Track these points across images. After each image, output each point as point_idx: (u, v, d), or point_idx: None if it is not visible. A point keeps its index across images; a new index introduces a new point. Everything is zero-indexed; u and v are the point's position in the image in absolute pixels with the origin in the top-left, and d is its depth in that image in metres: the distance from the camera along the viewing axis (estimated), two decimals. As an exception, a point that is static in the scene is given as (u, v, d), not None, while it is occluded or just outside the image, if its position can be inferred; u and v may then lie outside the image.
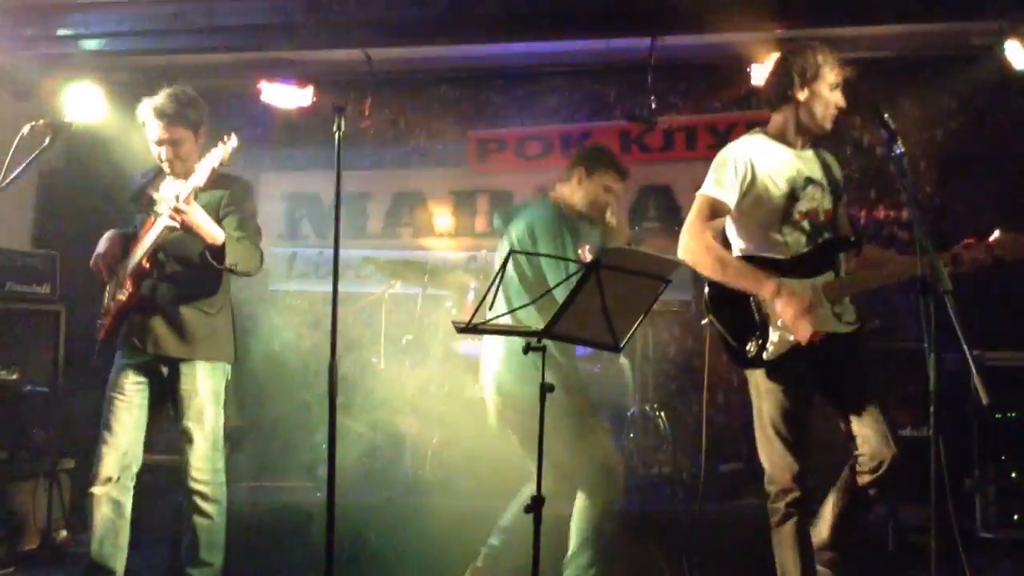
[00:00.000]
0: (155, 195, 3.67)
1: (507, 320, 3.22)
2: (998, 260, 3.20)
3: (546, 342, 2.65)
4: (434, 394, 5.18)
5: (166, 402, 3.67)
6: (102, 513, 3.58)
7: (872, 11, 5.28)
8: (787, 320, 3.07)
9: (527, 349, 2.64)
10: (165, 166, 3.66)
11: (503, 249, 3.70)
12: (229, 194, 3.66)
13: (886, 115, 3.04)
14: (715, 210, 3.22)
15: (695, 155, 6.54)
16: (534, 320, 3.14)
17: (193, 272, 3.61)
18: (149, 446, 3.74)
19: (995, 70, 5.65)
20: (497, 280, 2.55)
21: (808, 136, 3.33)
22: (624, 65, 6.43)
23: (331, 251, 3.11)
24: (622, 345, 2.71)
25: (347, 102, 6.73)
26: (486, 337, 3.64)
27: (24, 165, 3.34)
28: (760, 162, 3.23)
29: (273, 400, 5.82)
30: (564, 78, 6.76)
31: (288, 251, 6.87)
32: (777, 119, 3.35)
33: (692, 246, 3.19)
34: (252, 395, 5.94)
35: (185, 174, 3.57)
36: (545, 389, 2.66)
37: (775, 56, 4.59)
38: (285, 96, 6.14)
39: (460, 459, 4.90)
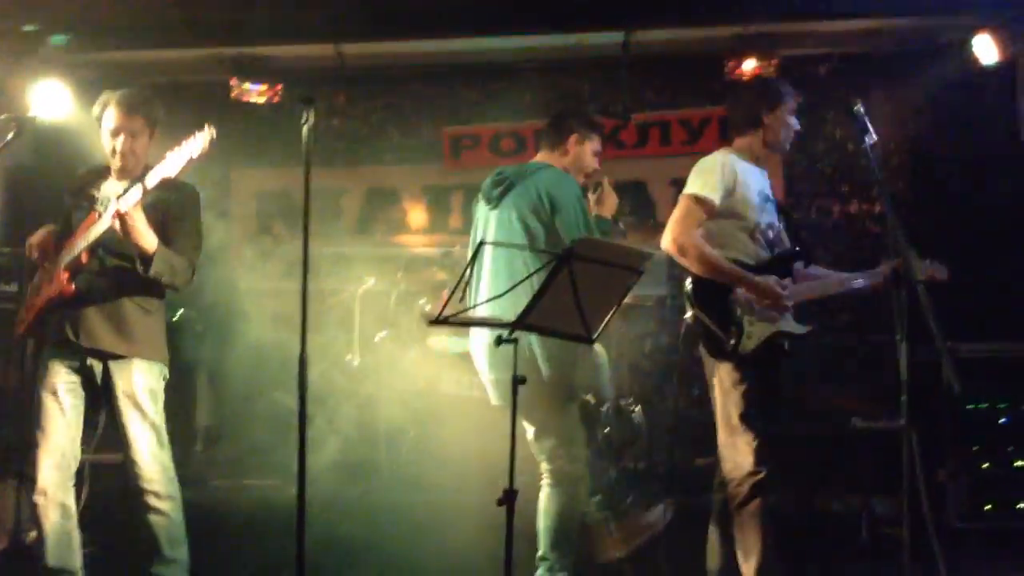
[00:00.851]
0: (98, 193, 3.58)
1: (483, 311, 3.18)
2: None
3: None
4: (409, 389, 5.16)
5: (100, 400, 3.57)
6: (51, 520, 3.51)
7: (842, 6, 5.31)
8: (767, 303, 3.30)
9: (499, 341, 2.63)
10: (117, 159, 3.55)
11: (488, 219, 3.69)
12: (176, 200, 3.57)
13: (857, 106, 3.13)
14: (700, 205, 3.39)
15: (669, 150, 6.58)
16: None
17: (134, 269, 3.48)
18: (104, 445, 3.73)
19: (965, 64, 5.70)
20: (469, 270, 2.54)
21: (766, 156, 3.60)
22: (598, 61, 6.45)
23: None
24: (594, 337, 2.71)
25: (317, 97, 6.67)
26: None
27: (-10, 156, 3.28)
28: (741, 171, 3.45)
29: (248, 398, 5.77)
30: (538, 74, 6.75)
31: (261, 249, 6.81)
32: (742, 142, 3.59)
33: (679, 237, 3.36)
34: (227, 393, 5.90)
35: (132, 174, 3.51)
36: (517, 381, 2.65)
37: (747, 66, 4.80)
38: (255, 93, 6.08)
39: (436, 454, 4.88)
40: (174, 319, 5.68)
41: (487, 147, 6.79)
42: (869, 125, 3.16)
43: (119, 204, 3.29)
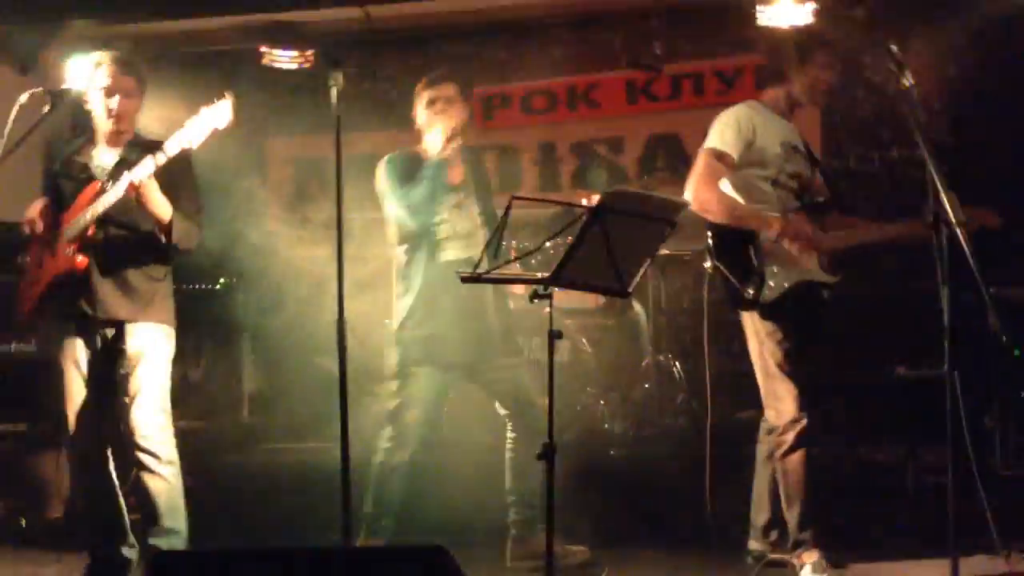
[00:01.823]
0: (90, 162, 3.59)
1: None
2: None
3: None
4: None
5: (113, 367, 3.57)
6: (87, 480, 3.66)
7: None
8: (795, 245, 3.34)
9: (534, 296, 2.64)
10: (112, 122, 3.53)
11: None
12: (169, 165, 3.47)
13: (893, 48, 3.08)
14: (720, 162, 3.42)
15: (703, 102, 6.48)
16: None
17: (139, 237, 3.54)
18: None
19: (1005, 4, 5.54)
20: (501, 228, 2.54)
21: (796, 109, 3.60)
22: (628, 12, 6.36)
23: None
24: (630, 289, 2.70)
25: (346, 62, 6.67)
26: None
27: (25, 134, 3.32)
28: (760, 124, 3.47)
29: (292, 363, 5.85)
30: (568, 29, 6.67)
31: (297, 215, 6.85)
32: (769, 93, 3.61)
33: (700, 192, 3.40)
34: (272, 359, 5.99)
35: (124, 138, 3.56)
36: (553, 336, 2.67)
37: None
38: (285, 59, 6.08)
39: (475, 415, 4.91)
40: (216, 287, 5.77)
41: (519, 106, 6.75)
42: (906, 67, 3.10)
43: (134, 175, 3.30)
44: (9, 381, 4.79)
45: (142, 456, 3.51)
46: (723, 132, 3.45)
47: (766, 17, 5.76)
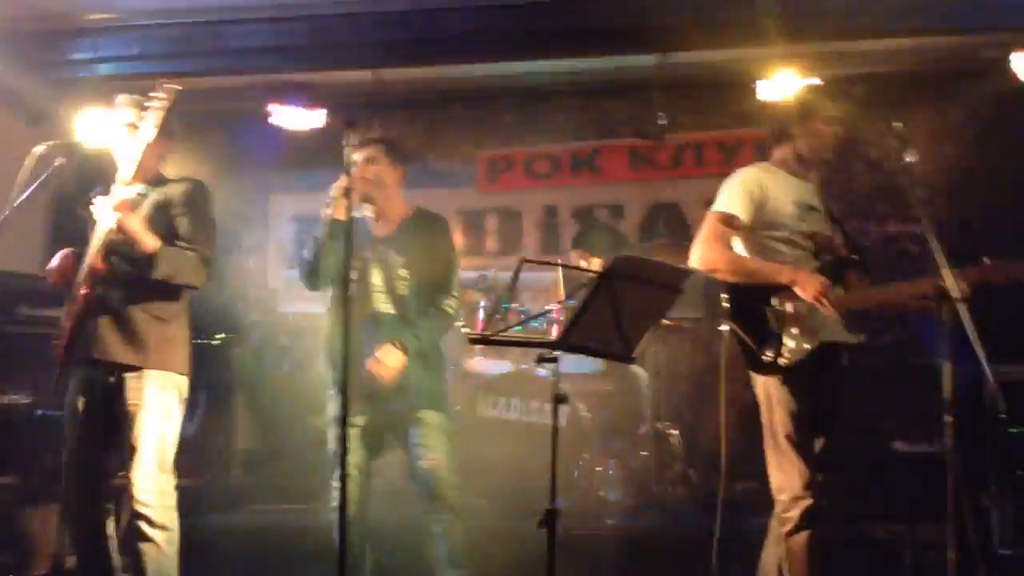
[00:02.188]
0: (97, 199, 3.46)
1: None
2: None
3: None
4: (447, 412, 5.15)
5: (111, 417, 3.40)
6: (81, 539, 3.52)
7: (880, 26, 5.27)
8: (811, 297, 3.17)
9: (541, 360, 2.63)
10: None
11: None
12: (183, 194, 3.47)
13: (897, 124, 3.11)
14: (728, 224, 3.37)
15: (704, 172, 6.57)
16: None
17: (143, 276, 3.36)
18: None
19: (1005, 82, 5.64)
20: (511, 290, 2.54)
21: (807, 167, 3.52)
22: (632, 83, 6.48)
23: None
24: (634, 355, 2.70)
25: (356, 122, 6.74)
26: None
27: (34, 186, 3.34)
28: (770, 184, 3.41)
29: (285, 423, 5.80)
30: (573, 97, 6.79)
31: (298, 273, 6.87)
32: (777, 153, 3.57)
33: (707, 253, 3.35)
34: (264, 419, 5.93)
35: (145, 176, 3.48)
36: (557, 400, 2.66)
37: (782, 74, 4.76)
38: (295, 118, 6.15)
39: (473, 477, 4.86)
40: (214, 343, 5.76)
41: (522, 170, 6.83)
42: (907, 142, 3.13)
43: (108, 202, 3.25)
44: (2, 433, 4.75)
45: (137, 520, 3.33)
46: (731, 195, 3.40)
47: (765, 91, 5.86)
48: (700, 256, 3.36)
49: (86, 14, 5.25)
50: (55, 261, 3.51)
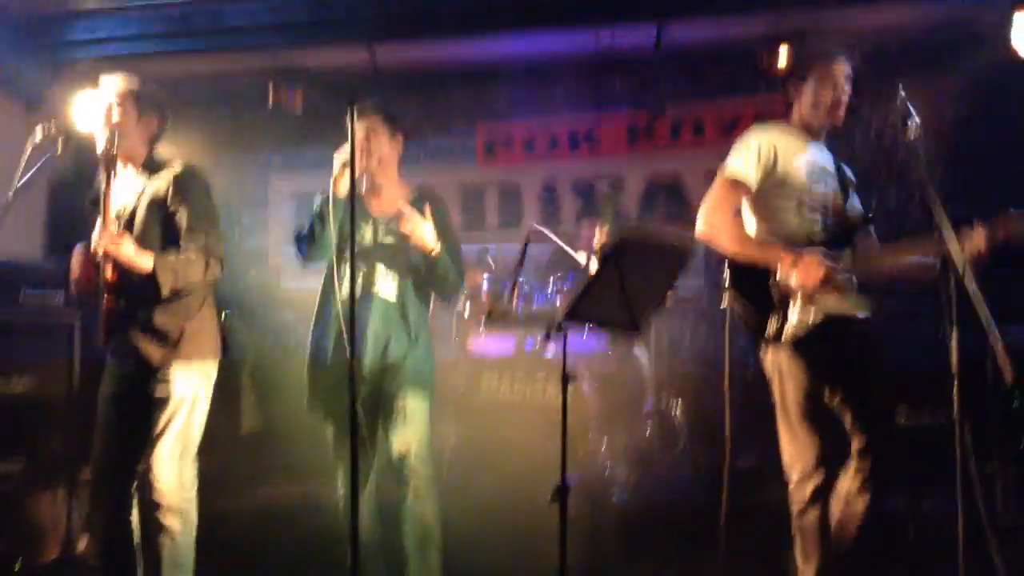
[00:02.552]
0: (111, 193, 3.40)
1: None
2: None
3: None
4: (449, 394, 5.16)
5: (149, 407, 3.39)
6: (104, 529, 3.50)
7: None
8: (808, 287, 3.08)
9: (548, 336, 2.62)
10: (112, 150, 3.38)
11: None
12: (175, 184, 3.39)
13: (901, 92, 3.09)
14: (735, 188, 3.27)
15: (703, 145, 6.55)
16: None
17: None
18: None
19: (1003, 50, 5.61)
20: (520, 264, 2.53)
21: (817, 128, 3.39)
22: (630, 56, 6.42)
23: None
24: (642, 327, 2.69)
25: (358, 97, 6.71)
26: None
27: (35, 168, 3.30)
28: (782, 146, 3.29)
29: (289, 400, 5.81)
30: (570, 71, 6.76)
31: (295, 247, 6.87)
32: (793, 112, 3.44)
33: (711, 221, 3.24)
34: (268, 397, 5.94)
35: (129, 160, 3.45)
36: (566, 378, 2.66)
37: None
38: (292, 97, 6.11)
39: (477, 458, 4.89)
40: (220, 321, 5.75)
41: (521, 145, 6.80)
42: (912, 110, 3.09)
43: (98, 246, 3.21)
44: (7, 418, 4.75)
45: (153, 508, 3.34)
46: (741, 156, 3.28)
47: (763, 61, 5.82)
48: (704, 221, 3.25)
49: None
50: (76, 270, 3.44)
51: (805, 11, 5.77)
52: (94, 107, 3.48)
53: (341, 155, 3.31)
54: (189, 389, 3.41)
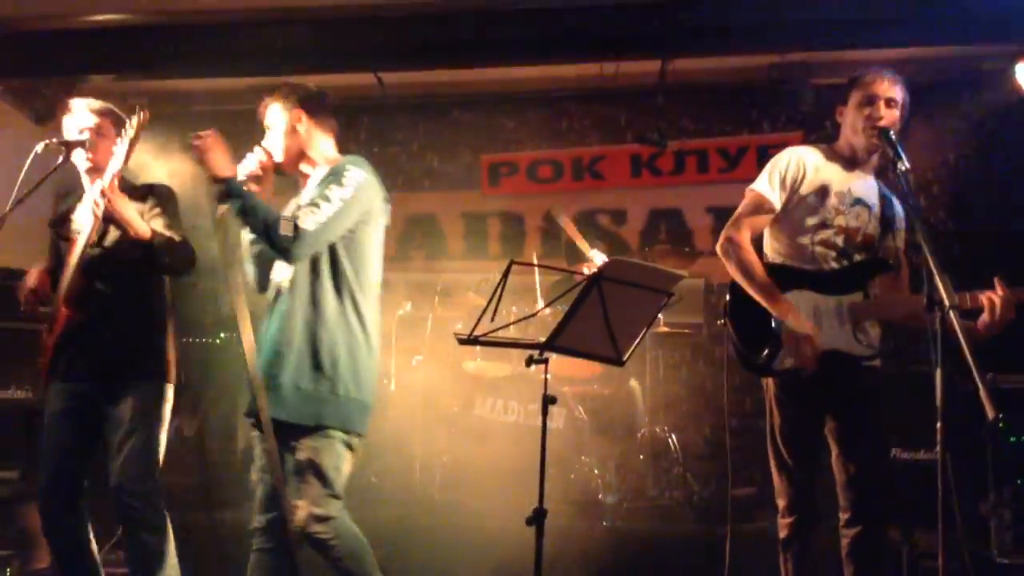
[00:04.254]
0: (73, 216, 3.57)
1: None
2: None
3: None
4: (444, 414, 5.19)
5: (101, 424, 3.45)
6: (58, 545, 3.52)
7: (881, 35, 5.28)
8: (790, 342, 3.08)
9: (530, 362, 2.64)
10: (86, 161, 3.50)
11: None
12: (152, 200, 3.51)
13: (891, 133, 3.10)
14: (760, 207, 3.25)
15: (706, 178, 6.59)
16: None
17: (125, 290, 3.46)
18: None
19: (1006, 93, 5.66)
20: (499, 290, 2.55)
21: (862, 155, 3.30)
22: (635, 89, 6.50)
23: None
24: (625, 359, 2.71)
25: (359, 125, 6.80)
26: None
27: (38, 183, 3.36)
28: (815, 167, 3.26)
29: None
30: (575, 102, 6.84)
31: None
32: (840, 137, 3.38)
33: (727, 245, 3.22)
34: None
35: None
36: (547, 401, 2.67)
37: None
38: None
39: (470, 479, 4.89)
40: (216, 341, 5.78)
41: (525, 173, 6.86)
42: (902, 152, 3.10)
43: (95, 190, 3.27)
44: (4, 427, 4.79)
45: (128, 523, 3.39)
46: (771, 173, 3.26)
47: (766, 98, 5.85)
48: (723, 248, 3.23)
49: (92, 15, 5.28)
50: (31, 280, 3.55)
51: (810, 49, 5.83)
52: (79, 124, 3.55)
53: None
54: (146, 406, 3.43)
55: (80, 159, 3.51)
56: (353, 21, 5.30)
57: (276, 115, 3.21)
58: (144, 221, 3.36)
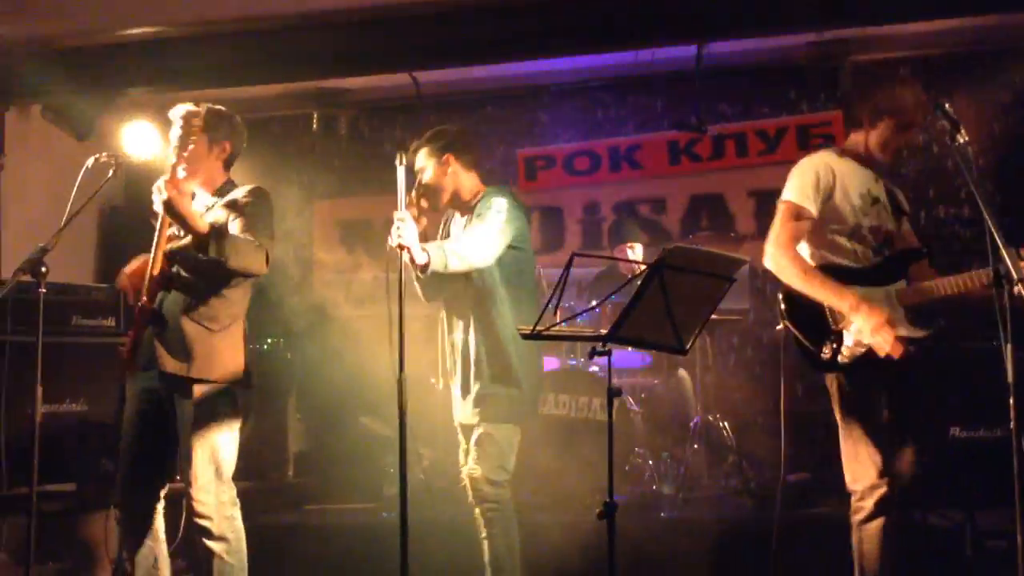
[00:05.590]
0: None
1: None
2: None
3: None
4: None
5: (162, 426, 3.44)
6: (133, 544, 3.51)
7: (923, 7, 5.18)
8: (868, 334, 3.12)
9: (593, 354, 2.62)
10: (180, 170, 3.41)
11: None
12: (237, 199, 3.48)
13: (947, 105, 3.05)
14: (799, 216, 3.32)
15: (746, 161, 6.52)
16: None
17: (199, 284, 3.39)
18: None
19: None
20: (562, 284, 2.53)
21: (880, 163, 3.42)
22: (670, 75, 6.45)
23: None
24: (687, 347, 2.67)
25: (396, 126, 6.81)
26: None
27: (90, 197, 3.38)
28: (840, 173, 3.36)
29: (337, 424, 5.86)
30: (610, 91, 6.79)
31: (344, 276, 6.92)
32: (853, 138, 3.47)
33: (777, 257, 3.29)
34: (316, 420, 5.99)
35: (203, 185, 3.52)
36: (611, 393, 2.65)
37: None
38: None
39: (523, 474, 4.86)
40: (264, 347, 5.82)
41: (561, 167, 6.82)
42: (959, 124, 3.06)
43: (159, 185, 3.24)
44: (60, 441, 4.83)
45: (199, 532, 3.38)
46: (802, 183, 3.33)
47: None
48: (771, 256, 3.31)
49: (130, 28, 5.32)
50: (131, 265, 3.50)
51: (848, 26, 5.74)
52: (150, 136, 3.55)
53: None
54: (211, 407, 3.40)
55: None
56: (385, 22, 5.28)
57: (423, 160, 3.62)
58: (202, 217, 3.32)
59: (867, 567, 3.25)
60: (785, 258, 3.26)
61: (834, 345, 3.20)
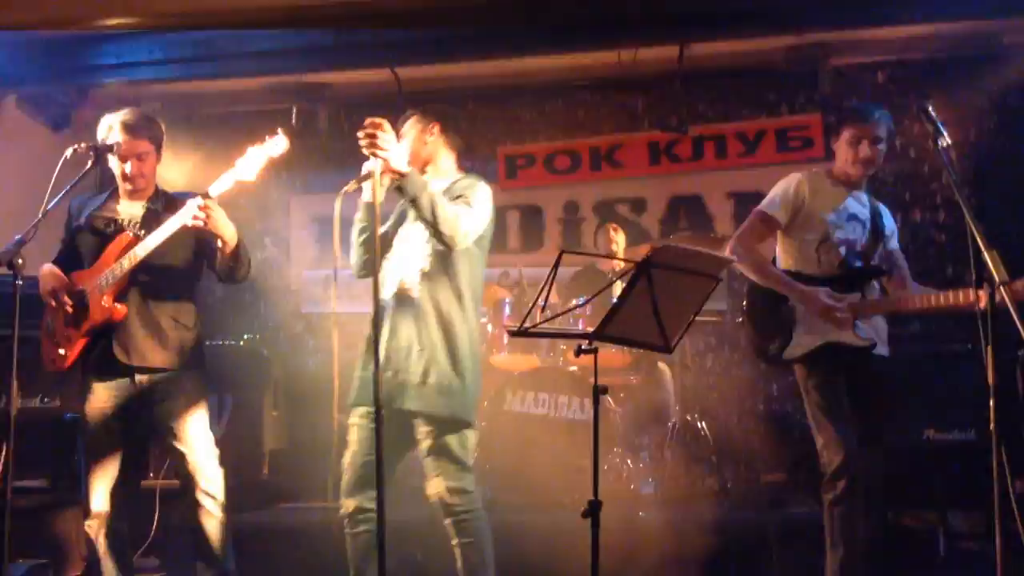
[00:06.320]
0: (119, 216, 3.60)
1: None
2: None
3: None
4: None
5: (146, 419, 3.56)
6: (103, 544, 3.55)
7: (900, 12, 5.24)
8: (819, 319, 3.50)
9: (579, 351, 2.61)
10: (128, 183, 3.59)
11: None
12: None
13: (929, 108, 3.07)
14: (765, 224, 3.70)
15: (726, 163, 6.55)
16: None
17: (169, 285, 3.58)
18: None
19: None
20: (550, 280, 2.51)
21: (855, 179, 3.69)
22: (652, 76, 6.44)
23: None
24: (673, 346, 2.68)
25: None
26: None
27: (67, 189, 3.34)
28: (814, 191, 3.67)
29: (311, 421, 5.81)
30: (591, 91, 6.79)
31: (320, 273, 6.88)
32: (836, 160, 3.77)
33: (738, 248, 3.66)
34: (291, 418, 5.95)
35: (144, 195, 3.61)
36: (597, 391, 2.64)
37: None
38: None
39: (501, 474, 4.86)
40: (239, 343, 5.76)
41: (542, 165, 6.81)
42: (942, 127, 3.09)
43: (198, 200, 3.34)
44: (32, 437, 4.76)
45: (203, 499, 3.54)
46: (774, 196, 3.71)
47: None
48: (733, 247, 3.67)
49: (108, 19, 5.25)
50: (54, 281, 3.54)
51: (827, 30, 5.78)
52: (114, 134, 3.56)
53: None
54: (200, 394, 3.61)
55: (117, 172, 3.61)
56: (367, 17, 5.26)
57: (409, 127, 3.52)
58: (233, 226, 3.47)
59: (835, 539, 3.46)
60: (742, 247, 3.66)
61: (781, 341, 3.60)
